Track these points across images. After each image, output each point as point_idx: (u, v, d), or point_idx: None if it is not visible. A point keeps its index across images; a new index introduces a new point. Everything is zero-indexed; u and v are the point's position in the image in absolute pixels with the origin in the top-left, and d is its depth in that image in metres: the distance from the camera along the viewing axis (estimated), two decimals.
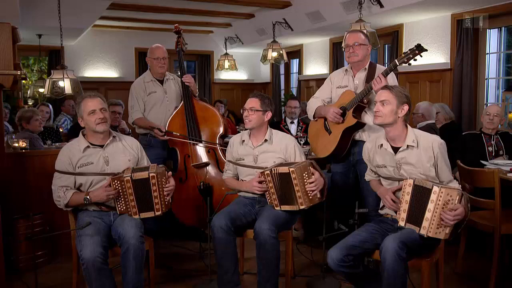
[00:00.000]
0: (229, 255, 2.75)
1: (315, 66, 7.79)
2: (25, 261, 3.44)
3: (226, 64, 7.92)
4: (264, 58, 6.59)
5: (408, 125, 2.58)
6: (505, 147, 3.77)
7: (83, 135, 2.76)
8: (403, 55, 2.96)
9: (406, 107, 2.52)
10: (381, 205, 2.71)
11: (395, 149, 2.54)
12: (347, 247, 2.41)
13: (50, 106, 5.68)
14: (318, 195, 2.77)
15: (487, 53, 5.18)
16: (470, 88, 5.10)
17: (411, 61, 2.95)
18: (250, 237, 2.86)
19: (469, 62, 5.09)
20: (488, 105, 4.69)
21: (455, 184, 2.48)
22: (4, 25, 2.83)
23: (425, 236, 2.29)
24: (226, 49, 8.12)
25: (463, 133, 4.09)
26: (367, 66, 3.24)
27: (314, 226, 4.04)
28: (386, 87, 2.57)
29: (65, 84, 4.54)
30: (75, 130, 5.57)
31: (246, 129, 3.08)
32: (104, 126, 2.66)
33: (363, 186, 3.23)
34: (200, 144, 3.68)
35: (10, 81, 2.88)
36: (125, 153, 2.76)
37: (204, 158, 3.68)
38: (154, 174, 2.57)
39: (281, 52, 6.53)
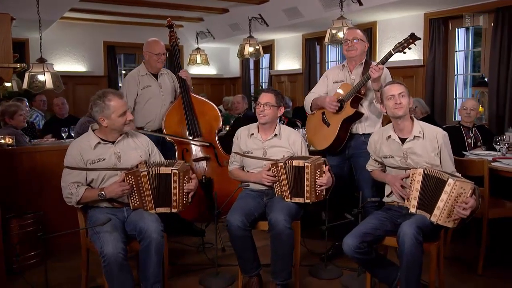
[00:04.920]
0: (248, 248, 2.80)
1: (286, 62, 7.92)
2: (19, 262, 3.30)
3: (198, 58, 7.88)
4: (240, 53, 6.62)
5: (413, 117, 2.74)
6: (482, 139, 4.04)
7: (93, 130, 2.70)
8: (397, 44, 3.12)
9: (411, 99, 2.71)
10: (387, 192, 2.85)
11: (402, 140, 2.70)
12: (361, 235, 2.53)
13: (26, 101, 5.43)
14: (324, 193, 2.87)
15: (456, 51, 5.51)
16: (441, 83, 5.41)
17: (406, 50, 3.14)
18: (261, 228, 2.93)
19: (440, 59, 5.40)
20: (464, 100, 4.98)
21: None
22: (3, 15, 2.70)
23: (435, 223, 2.44)
24: (198, 44, 8.07)
25: (443, 126, 4.33)
26: (363, 62, 3.37)
27: (306, 217, 4.15)
28: (396, 82, 2.72)
29: (46, 78, 4.37)
30: (49, 126, 5.39)
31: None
32: (131, 126, 2.68)
33: (359, 178, 3.37)
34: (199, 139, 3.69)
35: (10, 74, 2.76)
36: (136, 149, 2.73)
37: (203, 152, 3.68)
38: (177, 171, 2.56)
39: (257, 47, 6.59)
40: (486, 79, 5.06)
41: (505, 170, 3.17)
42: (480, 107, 5.14)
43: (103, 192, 2.54)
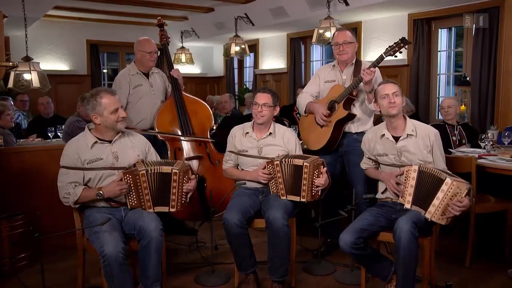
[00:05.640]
0: (245, 245, 2.83)
1: (271, 61, 7.96)
2: (9, 264, 3.25)
3: (183, 57, 7.86)
4: (226, 52, 6.63)
5: (406, 116, 2.81)
6: (467, 136, 4.16)
7: (89, 129, 2.68)
8: (388, 48, 3.19)
9: (404, 98, 2.78)
10: (381, 189, 2.91)
11: (396, 138, 2.77)
12: (358, 231, 2.59)
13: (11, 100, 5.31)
14: (319, 193, 2.92)
15: (439, 51, 5.65)
16: (425, 82, 5.54)
17: (397, 54, 3.22)
18: (256, 226, 2.96)
19: (424, 59, 5.53)
20: (442, 99, 5.12)
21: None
22: None
23: (429, 220, 2.52)
24: (182, 43, 8.04)
25: (429, 125, 4.44)
26: (354, 62, 3.43)
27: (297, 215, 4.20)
28: (390, 81, 2.79)
29: (32, 77, 4.29)
30: (34, 126, 5.30)
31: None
32: (125, 123, 2.66)
33: (351, 175, 3.43)
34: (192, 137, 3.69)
35: (2, 73, 2.73)
36: (133, 149, 2.72)
37: (195, 151, 3.69)
38: (177, 171, 2.57)
39: (243, 46, 6.62)
40: (468, 78, 5.21)
41: (491, 166, 3.28)
42: (463, 105, 5.30)
43: (101, 192, 2.52)
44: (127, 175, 2.56)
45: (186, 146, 3.68)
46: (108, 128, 2.64)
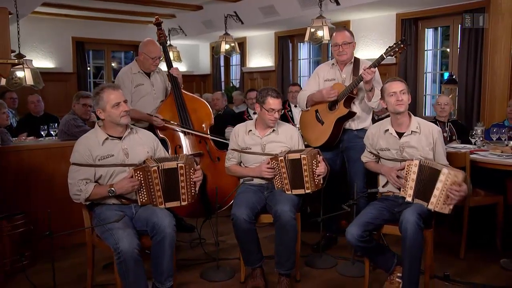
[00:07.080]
0: (253, 240, 2.88)
1: (259, 59, 8.01)
2: (11, 264, 3.21)
3: (171, 55, 7.79)
4: (216, 50, 6.65)
5: (411, 113, 2.91)
6: (456, 133, 4.31)
7: (99, 126, 2.68)
8: (389, 48, 3.28)
9: (410, 96, 2.87)
10: (382, 183, 3.00)
11: (399, 134, 2.86)
12: (364, 224, 2.67)
13: None
14: (321, 181, 2.99)
15: (425, 50, 5.81)
16: (413, 81, 5.69)
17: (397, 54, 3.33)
18: (263, 221, 3.03)
19: (412, 58, 5.68)
20: (436, 96, 5.28)
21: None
22: (0, 9, 2.62)
23: (432, 210, 2.62)
24: (170, 41, 7.99)
25: None
26: (352, 60, 3.51)
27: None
28: (397, 79, 2.88)
29: (25, 75, 4.24)
30: (24, 125, 5.21)
31: None
32: (128, 118, 2.65)
33: (351, 171, 3.52)
34: (191, 135, 3.70)
35: (8, 70, 2.68)
36: (143, 145, 2.74)
37: (195, 148, 3.71)
38: (183, 165, 2.60)
39: (232, 44, 6.64)
40: (454, 77, 5.38)
41: (484, 161, 3.41)
42: None
43: (113, 189, 2.53)
44: (138, 172, 2.57)
45: (187, 144, 3.70)
46: (113, 124, 2.64)
